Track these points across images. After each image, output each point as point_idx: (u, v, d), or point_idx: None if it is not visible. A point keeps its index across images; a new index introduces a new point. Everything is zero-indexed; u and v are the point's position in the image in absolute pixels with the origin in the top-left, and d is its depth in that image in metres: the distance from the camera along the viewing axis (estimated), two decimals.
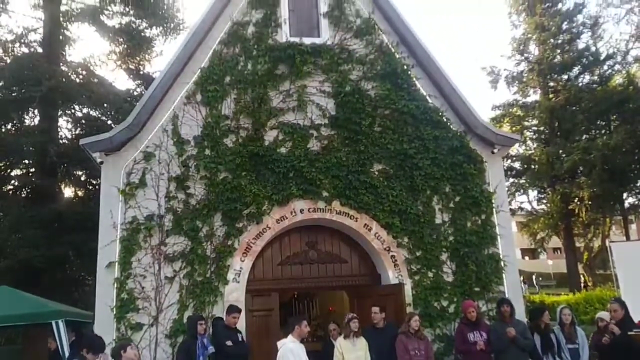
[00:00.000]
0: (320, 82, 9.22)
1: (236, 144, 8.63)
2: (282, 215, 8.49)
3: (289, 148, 8.78)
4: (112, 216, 7.97)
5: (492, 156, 9.41)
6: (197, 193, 8.31)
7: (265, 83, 9.01)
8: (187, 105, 8.71)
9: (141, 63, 16.22)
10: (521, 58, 25.57)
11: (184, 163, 8.41)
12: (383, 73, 9.39)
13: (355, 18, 9.64)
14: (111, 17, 15.48)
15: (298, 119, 8.99)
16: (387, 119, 9.17)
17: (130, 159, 8.27)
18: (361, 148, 8.93)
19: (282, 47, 9.20)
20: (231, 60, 9.03)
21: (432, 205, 8.94)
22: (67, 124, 14.78)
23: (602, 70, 23.59)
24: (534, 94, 25.47)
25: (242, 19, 9.30)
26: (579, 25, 24.18)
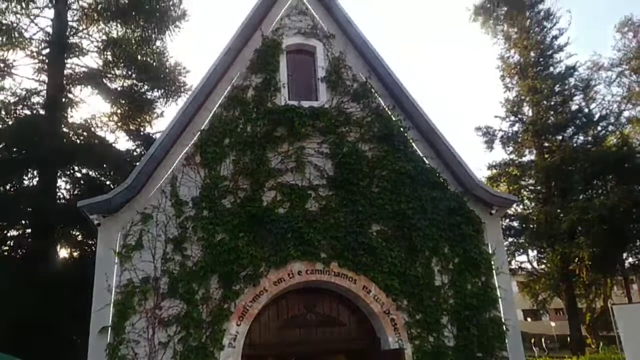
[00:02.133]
0: (318, 144, 9.34)
1: (234, 205, 8.63)
2: (280, 277, 8.39)
3: (287, 209, 8.78)
4: (107, 279, 7.85)
5: (490, 217, 9.41)
6: (193, 255, 8.24)
7: (264, 145, 9.13)
8: (186, 167, 8.78)
9: (142, 124, 16.47)
10: (515, 119, 26.01)
11: (181, 224, 8.38)
12: (380, 135, 9.54)
13: (352, 82, 9.89)
14: (114, 80, 15.85)
15: (296, 179, 9.04)
16: (384, 180, 9.23)
17: (127, 220, 8.25)
18: (359, 209, 8.94)
19: (280, 110, 9.38)
20: (231, 122, 9.19)
21: (432, 267, 8.86)
22: (65, 184, 14.85)
23: (596, 131, 23.98)
24: (530, 154, 25.75)
25: (242, 83, 9.53)
26: (571, 87, 24.75)
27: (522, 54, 25.57)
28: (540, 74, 24.85)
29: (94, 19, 15.15)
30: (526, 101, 25.55)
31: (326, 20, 10.29)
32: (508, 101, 26.04)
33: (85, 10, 15.20)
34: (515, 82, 25.83)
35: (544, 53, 25.11)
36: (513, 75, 25.88)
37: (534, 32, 25.26)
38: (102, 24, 15.25)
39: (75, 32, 15.18)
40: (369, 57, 10.02)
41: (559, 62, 25.14)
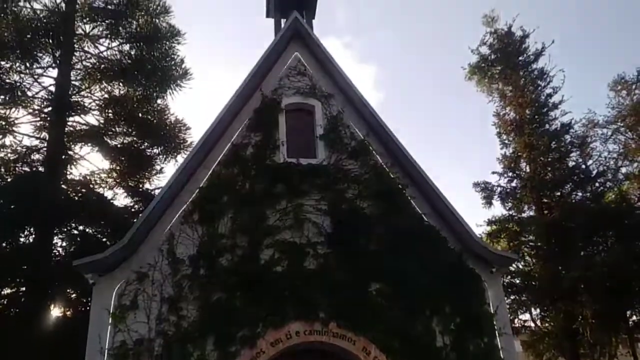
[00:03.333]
0: (316, 201, 9.34)
1: (231, 263, 8.54)
2: (277, 338, 8.17)
3: (285, 267, 8.68)
4: (100, 340, 7.66)
5: (491, 275, 9.28)
6: (189, 314, 8.07)
7: (263, 202, 9.13)
8: (184, 225, 8.75)
9: (141, 181, 16.50)
10: (513, 175, 26.08)
11: (177, 283, 8.26)
12: (378, 192, 9.55)
13: (350, 140, 10.01)
14: (114, 138, 16.00)
15: (294, 237, 8.98)
16: (383, 238, 9.16)
17: (123, 280, 8.14)
18: (358, 267, 8.83)
19: (279, 168, 9.46)
20: (230, 180, 9.24)
21: (432, 327, 8.66)
22: (62, 242, 14.72)
23: (594, 187, 24.01)
24: (529, 209, 25.65)
25: (242, 141, 9.64)
26: (567, 144, 24.94)
27: (518, 112, 25.95)
28: (536, 130, 25.11)
29: (96, 79, 15.46)
30: (523, 157, 25.70)
31: (324, 81, 10.52)
32: (505, 157, 26.20)
33: (88, 69, 15.53)
34: (512, 138, 26.06)
35: (539, 110, 25.47)
36: (509, 132, 26.15)
37: (529, 90, 25.72)
38: (104, 83, 15.55)
39: (77, 91, 15.44)
40: (366, 115, 10.18)
41: (554, 119, 25.45)
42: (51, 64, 15.12)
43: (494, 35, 26.29)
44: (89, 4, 15.69)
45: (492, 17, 26.25)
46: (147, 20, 15.91)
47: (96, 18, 15.60)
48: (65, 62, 14.79)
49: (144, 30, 15.77)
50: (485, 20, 26.38)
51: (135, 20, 15.81)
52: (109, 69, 15.41)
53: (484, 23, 26.47)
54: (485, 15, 26.30)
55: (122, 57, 15.73)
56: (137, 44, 15.78)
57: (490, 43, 26.41)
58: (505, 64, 25.88)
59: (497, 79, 26.83)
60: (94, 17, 15.60)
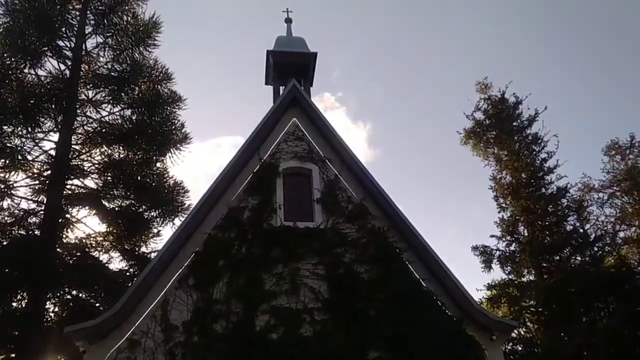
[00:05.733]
0: (313, 265, 9.26)
1: (226, 329, 8.36)
2: None
3: (281, 334, 8.49)
4: None
5: (491, 343, 9.07)
6: None
7: (259, 266, 9.06)
8: (178, 290, 8.63)
9: (137, 244, 16.34)
10: (512, 239, 25.97)
11: (170, 351, 8.05)
12: (376, 256, 9.50)
13: (347, 204, 10.04)
14: (112, 200, 15.99)
15: (290, 302, 8.84)
16: (382, 303, 9.02)
17: (114, 347, 7.94)
18: (356, 333, 8.64)
19: (276, 231, 9.44)
20: (226, 244, 9.20)
21: None
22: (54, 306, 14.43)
23: (592, 252, 23.87)
24: (529, 274, 25.38)
25: (239, 205, 9.67)
26: (564, 208, 24.99)
27: (514, 175, 26.17)
28: (532, 194, 25.22)
29: (97, 142, 15.64)
30: (521, 221, 25.67)
31: (322, 146, 10.68)
32: (503, 221, 26.17)
33: (89, 134, 15.73)
34: (509, 202, 26.14)
35: (534, 174, 25.70)
36: (506, 195, 26.26)
37: (524, 154, 26.05)
38: (104, 147, 15.72)
39: (77, 155, 15.59)
40: (363, 179, 10.27)
41: (550, 183, 25.63)
42: (52, 128, 15.33)
43: (487, 102, 26.92)
44: (93, 71, 16.11)
45: (485, 84, 26.95)
46: (149, 87, 16.28)
47: (99, 84, 15.96)
48: (66, 126, 15.01)
49: (146, 96, 16.10)
50: (479, 87, 27.09)
51: (138, 86, 16.18)
52: (110, 133, 15.63)
53: (478, 90, 27.16)
54: (479, 82, 27.01)
55: (123, 121, 15.98)
56: (139, 109, 16.08)
57: (484, 109, 26.99)
58: (500, 129, 26.34)
59: (492, 144, 27.22)
60: (97, 83, 15.97)
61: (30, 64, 15.07)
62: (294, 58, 12.74)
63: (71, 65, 15.58)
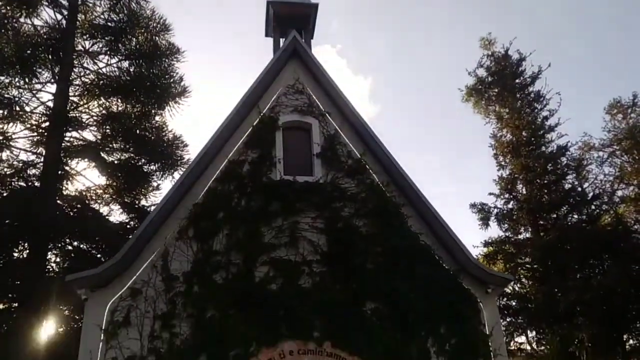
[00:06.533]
0: (312, 219, 9.31)
1: (226, 280, 8.47)
2: (271, 357, 8.07)
3: (280, 285, 8.61)
4: (92, 357, 7.55)
5: (486, 296, 9.23)
6: (182, 332, 7.97)
7: (258, 219, 9.09)
8: (178, 241, 8.70)
9: (137, 197, 16.39)
10: (510, 197, 26.11)
11: (171, 300, 8.18)
12: (374, 211, 9.53)
13: (347, 159, 10.01)
14: (111, 154, 15.96)
15: (290, 255, 8.93)
16: (379, 257, 9.12)
17: (116, 296, 8.06)
18: (353, 286, 8.76)
19: (276, 185, 9.44)
20: (225, 196, 9.21)
21: (428, 348, 8.56)
22: (56, 257, 14.59)
23: (590, 210, 24.04)
24: (525, 231, 25.64)
25: (238, 158, 9.64)
26: (564, 167, 25.04)
27: (514, 134, 26.09)
28: (532, 152, 25.21)
29: (95, 95, 15.47)
30: (520, 179, 25.76)
31: (322, 99, 10.57)
32: (502, 179, 26.26)
33: (87, 85, 15.55)
34: (509, 160, 26.15)
35: (535, 133, 25.62)
36: (506, 153, 26.25)
37: (525, 112, 25.89)
38: (102, 99, 15.56)
39: (75, 107, 15.46)
40: (363, 134, 10.21)
41: (550, 141, 25.59)
42: (50, 79, 15.15)
43: (491, 58, 26.56)
44: (90, 21, 15.79)
45: (489, 40, 26.52)
46: (147, 38, 16.00)
47: (96, 35, 15.68)
48: (64, 77, 14.83)
49: (144, 47, 15.84)
50: (483, 43, 26.67)
51: (135, 37, 15.90)
52: (107, 85, 15.45)
53: (482, 46, 26.74)
54: (483, 38, 26.57)
55: (121, 73, 15.77)
56: (137, 61, 15.85)
57: (487, 65, 26.66)
58: (502, 87, 26.10)
59: (493, 101, 27.03)
60: (94, 34, 15.68)
61: (26, 13, 14.77)
62: (295, 9, 12.47)
63: (67, 15, 15.28)
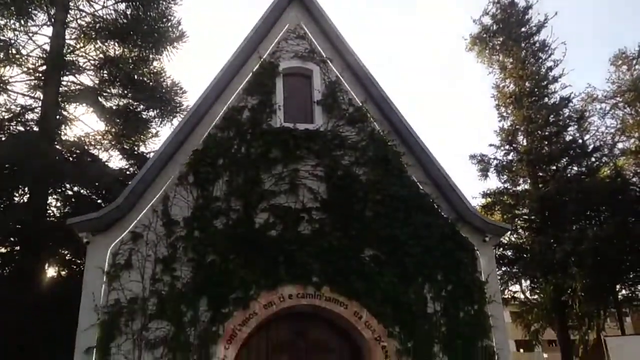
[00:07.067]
0: (312, 166, 9.30)
1: (226, 226, 8.54)
2: (270, 300, 8.25)
3: (279, 231, 8.69)
4: (94, 299, 7.70)
5: (483, 244, 9.35)
6: (183, 276, 8.10)
7: (258, 166, 9.08)
8: (178, 187, 8.71)
9: (136, 143, 16.36)
10: (510, 148, 26.09)
11: (172, 245, 8.27)
12: (375, 159, 9.51)
13: (348, 106, 9.91)
14: (109, 99, 15.81)
15: (289, 201, 8.97)
16: (378, 205, 9.16)
17: (117, 239, 8.14)
18: (352, 233, 8.85)
19: (276, 132, 9.38)
20: (225, 143, 9.16)
21: (424, 294, 8.74)
22: (56, 202, 14.68)
23: (589, 162, 24.08)
24: (524, 183, 25.76)
25: (238, 104, 9.53)
26: (566, 118, 24.91)
27: (517, 84, 25.80)
28: (535, 104, 25.02)
29: (91, 38, 15.19)
30: (521, 130, 25.67)
31: (324, 45, 10.36)
32: (503, 130, 26.16)
33: (83, 28, 15.24)
34: (510, 111, 25.98)
35: (538, 83, 25.34)
36: (508, 104, 26.06)
37: (529, 62, 25.52)
38: (99, 43, 15.28)
39: (72, 50, 15.20)
40: (365, 82, 10.06)
41: (553, 92, 25.36)
42: (46, 22, 14.85)
43: (497, 5, 25.97)
44: None
45: None
46: None
47: None
48: (59, 20, 14.52)
49: None
50: None
51: None
52: (104, 28, 15.13)
53: None
54: None
55: (117, 16, 15.42)
56: (133, 3, 15.45)
57: (492, 13, 26.11)
58: (507, 36, 25.63)
59: (498, 51, 26.62)
60: None
61: None
62: None
63: None
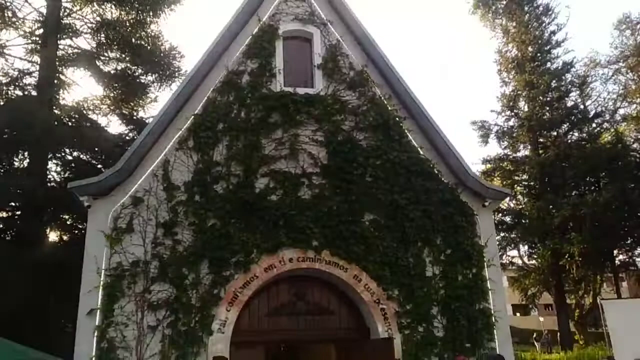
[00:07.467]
0: (312, 131, 9.27)
1: (226, 190, 8.56)
2: (271, 264, 8.34)
3: (280, 196, 8.72)
4: (97, 262, 7.79)
5: (483, 209, 9.40)
6: (184, 240, 8.17)
7: (258, 131, 9.05)
8: (178, 151, 8.69)
9: (135, 108, 16.27)
10: (511, 114, 26.00)
11: (172, 209, 8.31)
12: (375, 124, 9.47)
13: (349, 70, 9.80)
14: (107, 63, 15.64)
15: (290, 167, 8.97)
16: (378, 169, 9.17)
17: (118, 203, 8.17)
18: (352, 198, 8.88)
19: (276, 97, 9.30)
20: (225, 107, 9.10)
21: (423, 258, 8.84)
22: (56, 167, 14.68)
23: (590, 128, 24.04)
24: (524, 149, 25.78)
25: (237, 68, 9.43)
26: (568, 83, 24.75)
27: (520, 49, 25.54)
28: (537, 69, 24.81)
29: (88, 0, 14.94)
30: (522, 96, 25.54)
31: (324, 7, 10.18)
32: (504, 96, 26.02)
33: None
34: (512, 76, 25.79)
35: (541, 48, 25.08)
36: (510, 69, 25.84)
37: (532, 26, 25.20)
38: (96, 5, 15.03)
39: (69, 13, 14.96)
40: (366, 45, 9.93)
41: (556, 57, 25.13)
42: None
43: None
44: None
45: None
46: None
47: None
48: None
49: None
50: None
51: None
52: None
53: None
54: None
55: None
56: None
57: None
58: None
59: (501, 14, 26.26)
60: None
61: None
62: None
63: None
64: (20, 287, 11.91)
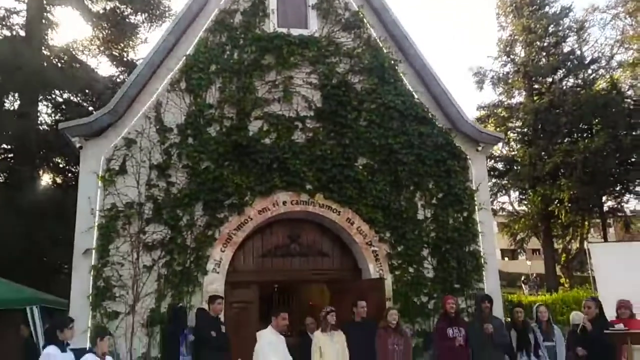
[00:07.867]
0: (306, 74, 9.14)
1: (220, 133, 8.52)
2: (265, 206, 8.41)
3: (274, 139, 8.69)
4: (91, 202, 7.82)
5: (476, 154, 9.44)
6: (178, 182, 8.19)
7: (251, 73, 8.91)
8: (171, 93, 8.58)
9: (125, 50, 15.95)
10: (507, 59, 25.74)
11: (166, 151, 8.28)
12: (370, 67, 9.34)
13: (344, 11, 9.58)
14: (96, 2, 15.21)
15: (283, 110, 8.90)
16: (372, 113, 9.12)
17: (110, 145, 8.12)
18: (346, 141, 8.87)
19: (269, 37, 9.11)
20: (217, 48, 8.92)
21: (415, 201, 8.93)
22: (47, 109, 14.51)
23: (586, 74, 23.85)
24: (519, 95, 25.68)
25: (230, 7, 9.19)
26: (565, 28, 24.40)
27: None
28: (535, 13, 24.39)
29: None
30: (519, 41, 25.21)
31: None
32: (501, 41, 25.69)
33: None
34: (510, 20, 25.37)
35: None
36: (508, 13, 25.40)
37: None
38: None
39: None
40: None
41: (555, 1, 24.67)
42: None
43: None
44: None
45: None
46: None
47: None
48: None
49: None
50: None
51: None
52: None
53: None
54: None
55: None
56: None
57: None
58: None
59: None
60: None
61: None
62: None
63: None
64: (15, 230, 12.02)
